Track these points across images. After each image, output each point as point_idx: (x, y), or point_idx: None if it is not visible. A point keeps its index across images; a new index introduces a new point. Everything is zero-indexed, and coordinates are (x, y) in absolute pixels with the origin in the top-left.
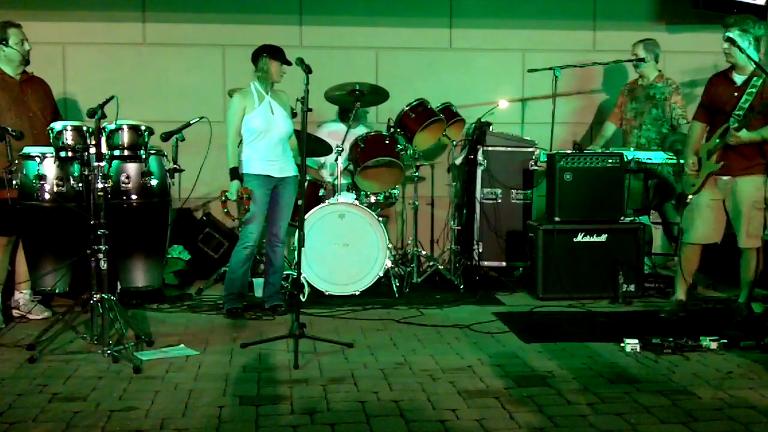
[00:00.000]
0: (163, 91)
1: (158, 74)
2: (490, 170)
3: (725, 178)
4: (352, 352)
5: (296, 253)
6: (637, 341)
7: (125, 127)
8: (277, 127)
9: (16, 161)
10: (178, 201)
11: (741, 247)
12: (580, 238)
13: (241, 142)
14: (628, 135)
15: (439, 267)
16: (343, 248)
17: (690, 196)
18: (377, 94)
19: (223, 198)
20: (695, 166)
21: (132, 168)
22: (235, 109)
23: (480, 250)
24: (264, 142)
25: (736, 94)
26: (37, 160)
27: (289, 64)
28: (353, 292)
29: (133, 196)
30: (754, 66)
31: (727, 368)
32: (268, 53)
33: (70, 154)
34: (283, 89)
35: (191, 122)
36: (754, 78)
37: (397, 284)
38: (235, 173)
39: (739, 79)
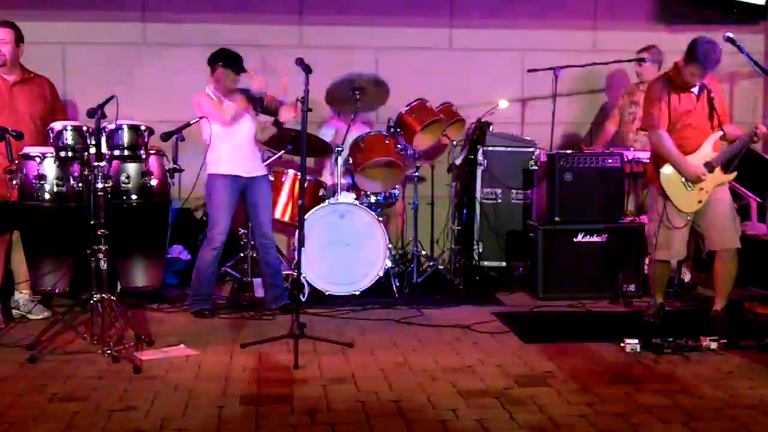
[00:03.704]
0: (163, 91)
1: (158, 74)
2: (490, 170)
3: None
4: (352, 352)
5: (296, 253)
6: (637, 341)
7: (125, 127)
8: (243, 126)
9: (16, 161)
10: (178, 201)
11: (733, 247)
12: (580, 238)
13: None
14: (625, 137)
15: (439, 267)
16: (343, 248)
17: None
18: (378, 90)
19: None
20: (702, 178)
21: (132, 168)
22: (210, 98)
23: (480, 250)
24: (227, 144)
25: (697, 102)
26: (37, 160)
27: (244, 71)
28: (353, 292)
29: (133, 196)
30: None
31: (727, 368)
32: (224, 62)
33: (70, 154)
34: (243, 86)
35: (191, 122)
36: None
37: (397, 284)
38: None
39: (695, 89)
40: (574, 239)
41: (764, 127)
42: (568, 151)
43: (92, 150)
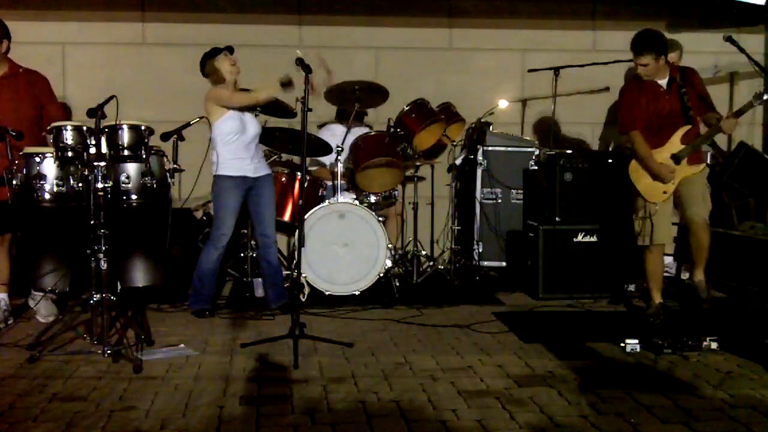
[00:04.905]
0: (163, 91)
1: (158, 74)
2: (490, 170)
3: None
4: (352, 352)
5: (296, 253)
6: (637, 341)
7: (125, 127)
8: (250, 126)
9: (16, 161)
10: (178, 201)
11: (700, 217)
12: (580, 238)
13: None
14: None
15: (439, 267)
16: (343, 248)
17: (656, 205)
18: (376, 94)
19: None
20: (671, 172)
21: (132, 168)
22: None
23: (480, 250)
24: (237, 143)
25: (667, 97)
26: (37, 159)
27: (231, 50)
28: (353, 292)
29: (133, 196)
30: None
31: (727, 368)
32: (209, 56)
33: (70, 154)
34: (244, 88)
35: (191, 122)
36: (676, 79)
37: (397, 284)
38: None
39: (663, 83)
40: (574, 239)
41: (728, 122)
42: (568, 151)
43: (92, 150)
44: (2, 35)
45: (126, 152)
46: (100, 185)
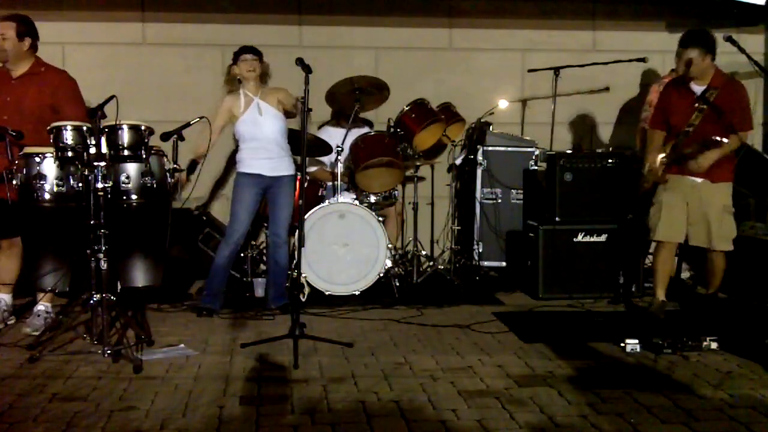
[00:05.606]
0: (163, 91)
1: (158, 74)
2: (490, 170)
3: (693, 179)
4: (352, 352)
5: (296, 253)
6: (637, 341)
7: (125, 127)
8: (267, 127)
9: (17, 161)
10: (178, 201)
11: (715, 249)
12: (580, 238)
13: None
14: None
15: (439, 267)
16: (343, 248)
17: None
18: (377, 90)
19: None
20: (655, 172)
21: (132, 168)
22: (221, 110)
23: (480, 250)
24: (255, 143)
25: (696, 104)
26: (38, 159)
27: (254, 52)
28: (353, 292)
29: (133, 196)
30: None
31: (727, 368)
32: (235, 57)
33: (70, 154)
34: (282, 87)
35: (191, 122)
36: (711, 89)
37: (397, 284)
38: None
39: (698, 89)
40: (574, 239)
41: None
42: (568, 151)
43: (92, 150)
44: (23, 33)
45: (126, 152)
46: (100, 185)
